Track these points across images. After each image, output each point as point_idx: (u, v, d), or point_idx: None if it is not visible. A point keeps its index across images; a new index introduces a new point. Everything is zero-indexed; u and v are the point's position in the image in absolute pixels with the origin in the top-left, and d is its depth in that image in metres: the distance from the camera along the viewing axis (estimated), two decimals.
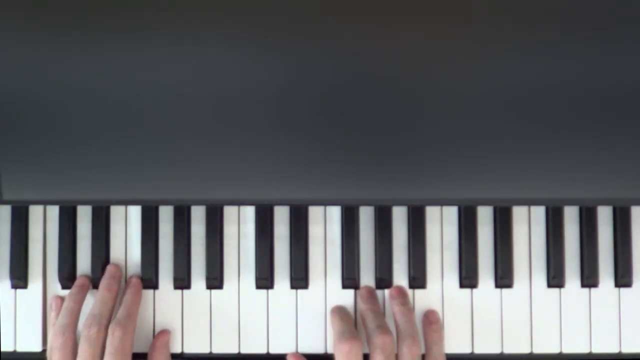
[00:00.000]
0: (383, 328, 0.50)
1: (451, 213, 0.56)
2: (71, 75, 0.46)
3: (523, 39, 0.45)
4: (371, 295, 0.55)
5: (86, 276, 0.56)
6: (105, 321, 0.51)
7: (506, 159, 0.46)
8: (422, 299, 0.55)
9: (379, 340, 0.49)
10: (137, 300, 0.54)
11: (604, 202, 0.52)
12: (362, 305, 0.54)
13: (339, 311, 0.54)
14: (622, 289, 0.55)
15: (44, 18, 0.45)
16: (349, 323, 0.52)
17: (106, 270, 0.55)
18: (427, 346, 0.53)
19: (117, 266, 0.56)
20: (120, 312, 0.53)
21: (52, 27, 0.45)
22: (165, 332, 0.55)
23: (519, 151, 0.46)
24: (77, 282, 0.55)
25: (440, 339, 0.54)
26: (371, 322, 0.52)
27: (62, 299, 0.55)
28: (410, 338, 0.51)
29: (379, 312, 0.53)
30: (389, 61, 0.45)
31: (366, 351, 0.51)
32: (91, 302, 0.54)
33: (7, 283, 0.56)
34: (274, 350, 0.55)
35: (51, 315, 0.55)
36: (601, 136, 0.46)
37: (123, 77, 0.46)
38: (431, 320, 0.54)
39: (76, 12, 0.45)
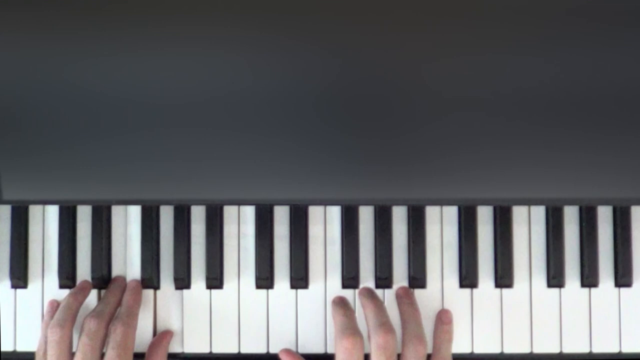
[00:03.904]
0: (386, 326, 0.49)
1: (451, 213, 0.56)
2: (71, 75, 0.46)
3: (522, 39, 0.45)
4: (372, 293, 0.54)
5: (87, 281, 0.56)
6: (105, 318, 0.51)
7: (506, 158, 0.46)
8: (422, 299, 0.55)
9: (380, 339, 0.48)
10: (137, 300, 0.54)
11: (604, 202, 0.52)
12: (363, 302, 0.53)
13: (342, 305, 0.53)
14: (622, 289, 0.55)
15: (44, 17, 0.45)
16: (352, 318, 0.52)
17: (113, 279, 0.56)
18: (436, 346, 0.53)
19: (124, 278, 0.56)
20: (121, 310, 0.53)
21: (52, 27, 0.45)
22: (168, 333, 0.55)
23: (519, 151, 0.46)
24: (79, 284, 0.55)
25: (450, 339, 0.53)
26: (373, 320, 0.50)
27: (57, 302, 0.55)
28: (417, 337, 0.50)
29: (382, 309, 0.52)
30: (388, 61, 0.45)
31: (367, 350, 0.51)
32: (88, 307, 0.54)
33: (7, 283, 0.56)
34: (274, 350, 0.55)
35: (45, 317, 0.55)
36: (601, 136, 0.46)
37: (123, 77, 0.46)
38: (444, 320, 0.53)
39: (76, 11, 0.45)
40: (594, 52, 0.45)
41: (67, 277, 0.56)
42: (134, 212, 0.56)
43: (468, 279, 0.55)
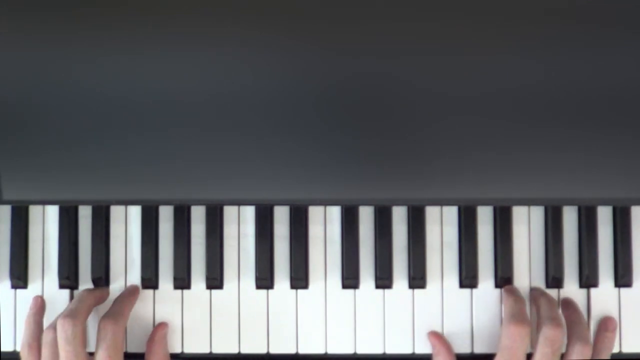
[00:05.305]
0: (558, 320, 0.50)
1: (451, 213, 0.56)
2: (71, 75, 0.46)
3: (522, 38, 0.45)
4: (542, 290, 0.55)
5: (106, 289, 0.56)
6: (80, 317, 0.50)
7: (506, 158, 0.46)
8: (422, 299, 0.55)
9: (551, 332, 0.49)
10: (131, 300, 0.54)
11: (604, 202, 0.52)
12: (536, 293, 0.54)
13: (513, 292, 0.53)
14: (622, 289, 0.55)
15: (44, 17, 0.45)
16: (522, 306, 0.52)
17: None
18: (596, 351, 0.53)
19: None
20: (112, 308, 0.53)
21: (52, 27, 0.45)
22: (163, 325, 0.55)
23: (518, 151, 0.46)
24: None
25: (612, 347, 0.53)
26: (546, 311, 0.51)
27: (41, 298, 0.55)
28: (584, 339, 0.50)
29: (554, 304, 0.52)
30: (388, 61, 0.45)
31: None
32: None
33: (7, 283, 0.56)
34: (274, 350, 0.55)
35: (29, 313, 0.54)
36: (601, 136, 0.46)
37: (123, 77, 0.46)
38: (609, 327, 0.54)
39: (76, 11, 0.45)
40: (594, 52, 0.45)
41: (67, 277, 0.56)
42: (134, 212, 0.56)
43: (468, 279, 0.55)
